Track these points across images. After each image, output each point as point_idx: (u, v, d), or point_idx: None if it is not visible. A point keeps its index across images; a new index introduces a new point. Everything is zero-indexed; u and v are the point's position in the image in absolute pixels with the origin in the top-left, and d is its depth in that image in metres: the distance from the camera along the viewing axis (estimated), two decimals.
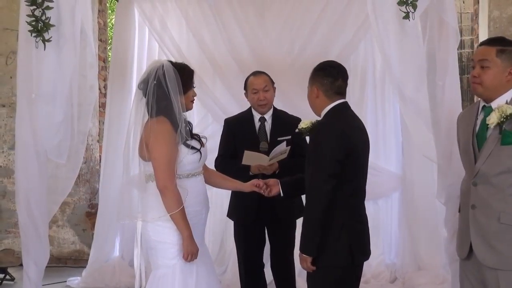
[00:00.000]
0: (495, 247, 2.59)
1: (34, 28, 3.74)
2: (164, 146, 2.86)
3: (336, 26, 5.10)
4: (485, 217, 2.62)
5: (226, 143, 3.92)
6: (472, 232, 2.67)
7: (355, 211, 2.89)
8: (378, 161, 5.25)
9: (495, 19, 5.18)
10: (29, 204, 3.92)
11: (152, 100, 2.90)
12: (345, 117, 2.94)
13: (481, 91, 2.72)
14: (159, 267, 2.96)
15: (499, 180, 2.58)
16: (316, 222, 2.76)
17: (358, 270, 2.98)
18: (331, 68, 2.99)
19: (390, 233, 5.36)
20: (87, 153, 5.89)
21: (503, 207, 2.58)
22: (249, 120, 3.89)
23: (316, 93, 2.96)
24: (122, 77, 5.48)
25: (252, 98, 3.86)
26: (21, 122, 3.93)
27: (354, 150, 2.83)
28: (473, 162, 2.68)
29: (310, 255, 2.81)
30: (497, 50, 2.66)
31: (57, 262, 5.79)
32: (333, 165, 2.75)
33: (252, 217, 3.73)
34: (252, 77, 3.90)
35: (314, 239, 2.78)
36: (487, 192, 2.62)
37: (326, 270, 2.84)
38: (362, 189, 2.98)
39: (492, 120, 2.59)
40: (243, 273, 3.94)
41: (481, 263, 2.63)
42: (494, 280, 2.60)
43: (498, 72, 2.65)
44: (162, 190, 2.86)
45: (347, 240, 2.81)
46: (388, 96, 5.29)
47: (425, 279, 4.86)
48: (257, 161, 3.60)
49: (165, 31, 5.33)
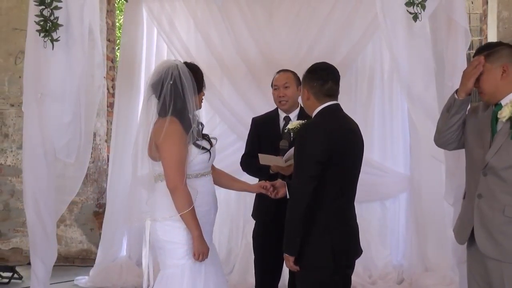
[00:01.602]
0: (496, 238, 2.60)
1: (42, 28, 3.76)
2: (174, 146, 2.88)
3: (344, 26, 5.10)
4: (490, 208, 2.63)
5: (251, 142, 3.93)
6: (476, 221, 2.69)
7: (339, 212, 2.88)
8: (385, 162, 5.25)
9: (504, 20, 5.16)
10: (37, 203, 3.94)
11: (169, 101, 2.91)
12: (333, 118, 2.92)
13: (486, 99, 2.75)
14: (168, 267, 2.96)
15: (507, 173, 2.59)
16: (298, 222, 2.78)
17: (346, 269, 2.97)
18: (320, 70, 2.97)
19: (397, 234, 5.35)
20: (95, 153, 5.92)
21: (509, 200, 2.59)
22: (275, 119, 3.87)
23: (307, 95, 2.97)
24: (130, 77, 5.49)
25: (273, 94, 3.85)
26: (29, 121, 3.95)
27: (340, 151, 2.81)
28: (484, 154, 2.68)
29: (291, 255, 2.84)
30: (484, 56, 2.69)
31: (65, 261, 5.81)
32: (314, 166, 2.76)
33: (271, 216, 3.72)
34: (277, 74, 3.89)
35: (296, 239, 2.80)
36: (495, 184, 2.63)
37: (310, 271, 2.86)
38: (350, 190, 2.96)
39: (504, 114, 2.59)
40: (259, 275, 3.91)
41: (483, 254, 2.65)
42: (497, 273, 2.62)
43: (491, 74, 2.67)
44: (172, 190, 2.87)
45: (329, 242, 2.81)
46: (396, 97, 5.28)
47: (433, 280, 4.84)
48: (274, 162, 3.60)
49: (173, 31, 5.35)
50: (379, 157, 5.17)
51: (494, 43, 2.85)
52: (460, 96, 2.76)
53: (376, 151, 5.22)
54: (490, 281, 2.68)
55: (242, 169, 3.95)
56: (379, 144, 5.24)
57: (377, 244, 5.23)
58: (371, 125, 5.19)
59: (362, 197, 4.22)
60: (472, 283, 2.82)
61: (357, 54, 5.11)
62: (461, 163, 3.29)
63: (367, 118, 5.20)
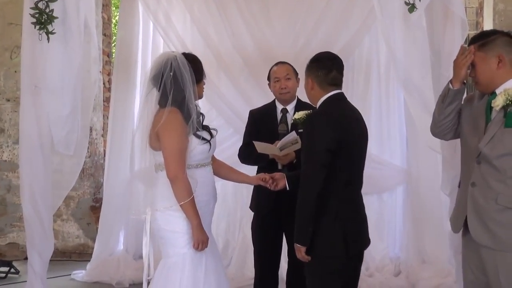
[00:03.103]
0: (490, 227, 2.61)
1: (38, 21, 3.75)
2: (175, 136, 2.89)
3: (340, 20, 5.09)
4: (484, 196, 2.64)
5: (249, 133, 3.94)
6: (469, 209, 2.69)
7: (349, 201, 2.88)
8: (382, 155, 5.25)
9: (500, 12, 5.16)
10: (34, 196, 3.94)
11: (170, 91, 2.92)
12: (339, 107, 2.93)
13: (481, 89, 2.75)
14: (170, 256, 2.97)
15: (500, 162, 2.59)
16: (309, 211, 2.76)
17: (356, 260, 2.96)
18: (325, 59, 2.98)
19: (394, 226, 5.35)
20: (92, 147, 5.91)
21: (502, 188, 2.59)
22: (272, 111, 3.89)
23: (311, 85, 2.97)
24: (126, 72, 5.49)
25: (274, 86, 3.86)
26: (25, 114, 3.94)
27: (348, 140, 2.82)
28: (478, 143, 2.68)
29: (303, 245, 2.81)
30: (478, 45, 2.69)
31: (62, 256, 5.80)
32: (324, 154, 2.75)
33: (270, 208, 3.73)
34: (275, 66, 3.91)
35: (307, 229, 2.78)
36: (488, 173, 2.63)
37: (321, 260, 2.84)
38: (358, 178, 2.97)
39: (498, 103, 2.59)
40: (258, 267, 3.92)
41: (477, 243, 2.66)
42: (491, 261, 2.63)
43: (487, 64, 2.67)
44: (172, 179, 2.88)
45: (341, 230, 2.81)
46: (392, 90, 5.28)
47: (429, 272, 4.84)
48: (270, 151, 3.61)
49: (170, 25, 5.32)
50: (376, 150, 5.17)
51: (489, 31, 2.84)
52: (455, 85, 2.77)
53: (373, 144, 5.19)
54: (484, 269, 2.69)
55: (241, 160, 3.95)
56: (376, 137, 5.23)
57: (374, 236, 5.14)
58: (367, 118, 5.10)
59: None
60: (467, 272, 2.82)
61: (354, 47, 5.10)
62: (457, 153, 3.29)
63: (364, 111, 5.06)
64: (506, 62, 2.66)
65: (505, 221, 2.59)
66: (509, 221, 2.58)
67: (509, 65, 2.67)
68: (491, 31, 2.82)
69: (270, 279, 3.89)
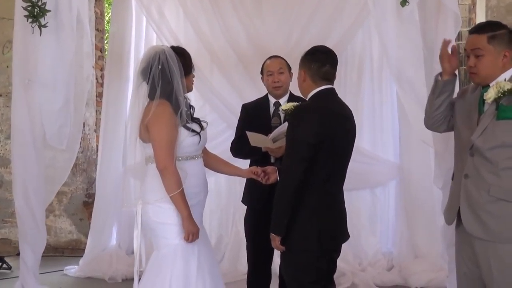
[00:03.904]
0: (482, 218, 2.64)
1: (30, 13, 3.74)
2: (164, 128, 2.89)
3: (333, 15, 5.09)
4: (476, 188, 2.66)
5: (242, 127, 3.92)
6: (462, 201, 2.72)
7: (328, 196, 2.89)
8: (375, 150, 5.26)
9: (493, 8, 5.18)
10: (26, 190, 3.94)
11: (158, 84, 2.93)
12: (328, 102, 2.93)
13: (479, 81, 2.74)
14: (161, 248, 2.97)
15: (492, 154, 2.61)
16: (286, 203, 2.79)
17: (332, 253, 2.98)
18: (320, 53, 2.98)
19: (387, 221, 5.36)
20: (84, 143, 5.89)
21: (494, 180, 2.61)
22: (265, 105, 3.89)
23: (303, 77, 2.97)
24: (119, 67, 5.46)
25: (267, 80, 3.86)
26: (17, 108, 3.93)
27: (332, 135, 2.82)
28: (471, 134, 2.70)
29: (278, 235, 2.85)
30: (488, 37, 2.66)
31: (54, 252, 5.78)
32: (306, 148, 2.76)
33: (263, 201, 3.72)
34: (268, 60, 3.92)
35: (283, 220, 2.82)
36: (481, 164, 2.65)
37: (296, 253, 2.87)
38: (339, 174, 2.97)
39: (490, 95, 2.61)
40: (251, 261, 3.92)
41: (470, 234, 2.68)
42: (484, 252, 2.65)
43: (493, 58, 2.66)
44: (162, 171, 2.88)
45: (316, 225, 2.83)
46: (385, 85, 5.29)
47: (422, 267, 4.86)
48: (263, 143, 3.61)
49: (163, 20, 5.30)
50: (369, 145, 5.19)
51: (495, 23, 2.78)
52: (443, 77, 2.78)
53: (366, 139, 5.23)
54: (477, 261, 2.71)
55: (233, 154, 3.95)
56: (368, 132, 5.25)
57: (367, 231, 5.25)
58: (360, 114, 5.19)
59: (352, 185, 4.26)
60: (461, 264, 2.85)
61: (347, 42, 5.10)
62: (449, 147, 3.32)
63: (357, 107, 5.18)
64: (509, 59, 2.67)
65: (497, 213, 2.61)
66: (501, 212, 2.60)
67: (509, 62, 2.68)
68: (497, 23, 2.76)
69: (263, 273, 3.89)
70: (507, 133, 2.58)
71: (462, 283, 2.86)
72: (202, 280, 2.94)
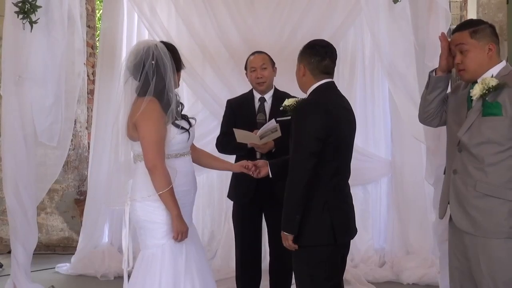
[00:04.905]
0: (469, 212, 2.67)
1: (21, 10, 3.71)
2: (153, 126, 2.85)
3: (326, 11, 5.09)
4: (464, 183, 2.69)
5: (227, 122, 3.94)
6: (451, 196, 2.75)
7: (337, 190, 2.89)
8: (367, 146, 5.28)
9: (484, 5, 5.20)
10: (17, 187, 3.91)
11: (152, 80, 2.88)
12: (329, 96, 2.93)
13: (468, 77, 2.75)
14: (148, 247, 2.93)
15: (478, 150, 2.64)
16: (297, 200, 2.76)
17: (343, 249, 2.98)
18: (319, 47, 2.98)
19: (379, 218, 5.38)
20: (76, 140, 5.87)
21: (480, 176, 2.64)
22: (250, 100, 3.91)
23: (303, 71, 2.96)
24: (110, 64, 5.43)
25: (250, 76, 3.89)
26: (8, 105, 3.91)
27: (337, 129, 2.82)
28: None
29: (291, 233, 2.80)
30: (469, 32, 2.69)
31: (46, 250, 5.77)
32: (314, 143, 2.75)
33: (250, 196, 3.73)
34: (251, 56, 3.95)
35: (295, 217, 2.77)
36: (468, 160, 2.68)
37: (309, 249, 2.84)
38: (346, 168, 2.97)
39: (475, 92, 2.63)
40: (239, 256, 3.92)
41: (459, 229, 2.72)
42: (472, 246, 2.68)
43: (478, 52, 2.68)
44: (151, 169, 2.84)
45: (329, 219, 2.81)
46: (377, 82, 5.31)
47: (414, 263, 4.89)
48: (250, 139, 3.61)
49: (155, 17, 5.28)
50: (361, 141, 5.19)
51: (475, 20, 2.88)
52: (437, 73, 2.80)
53: (358, 135, 5.10)
54: (467, 255, 2.73)
55: (219, 149, 3.94)
56: (360, 129, 5.17)
57: (359, 228, 5.15)
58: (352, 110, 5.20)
59: None
60: (453, 258, 2.88)
61: (339, 39, 5.10)
62: (441, 143, 3.33)
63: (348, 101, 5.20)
64: (494, 52, 2.69)
65: (484, 208, 2.64)
66: (488, 207, 2.63)
67: (495, 56, 2.70)
68: (477, 20, 2.84)
69: (252, 268, 3.90)
70: (492, 130, 2.61)
71: (454, 277, 2.88)
72: (190, 279, 2.91)
